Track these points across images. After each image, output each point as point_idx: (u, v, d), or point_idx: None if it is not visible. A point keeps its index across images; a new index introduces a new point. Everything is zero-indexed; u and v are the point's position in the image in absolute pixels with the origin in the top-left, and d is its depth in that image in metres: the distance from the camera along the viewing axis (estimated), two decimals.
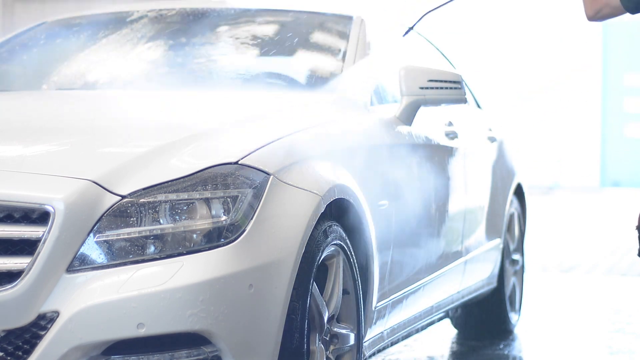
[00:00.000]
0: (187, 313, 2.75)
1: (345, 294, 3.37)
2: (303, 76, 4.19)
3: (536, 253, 8.75)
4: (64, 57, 4.54)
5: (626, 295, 6.97)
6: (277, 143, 3.14)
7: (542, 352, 5.25)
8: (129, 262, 2.78)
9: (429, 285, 4.33)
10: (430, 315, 4.51)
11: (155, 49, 4.42)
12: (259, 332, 2.87)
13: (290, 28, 4.56)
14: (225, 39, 4.49)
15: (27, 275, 2.71)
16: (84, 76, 4.33)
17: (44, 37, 4.68)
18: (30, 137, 3.06)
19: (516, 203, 5.78)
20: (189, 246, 2.82)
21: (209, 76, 4.33)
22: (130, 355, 2.76)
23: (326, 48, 4.35)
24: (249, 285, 2.84)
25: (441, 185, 4.39)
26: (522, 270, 5.89)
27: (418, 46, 5.11)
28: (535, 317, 6.09)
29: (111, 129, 3.14)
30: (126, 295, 2.73)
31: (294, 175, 3.09)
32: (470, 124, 5.23)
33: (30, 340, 2.74)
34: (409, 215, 4.00)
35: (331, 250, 3.24)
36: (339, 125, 3.61)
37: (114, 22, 4.76)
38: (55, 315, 2.72)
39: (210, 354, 2.81)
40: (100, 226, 2.78)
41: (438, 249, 4.43)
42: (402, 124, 4.08)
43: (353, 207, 3.39)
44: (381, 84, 4.23)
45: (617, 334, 5.52)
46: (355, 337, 3.40)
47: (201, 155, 2.96)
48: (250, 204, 2.91)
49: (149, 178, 2.85)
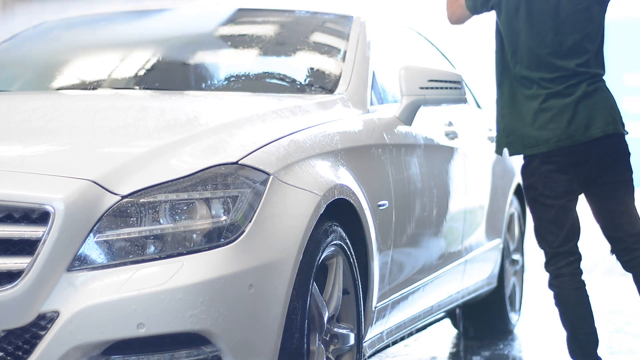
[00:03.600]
0: (187, 313, 2.74)
1: (345, 294, 3.37)
2: (303, 76, 4.19)
3: (536, 253, 8.75)
4: (64, 57, 4.54)
5: (626, 295, 6.97)
6: (277, 143, 3.14)
7: (542, 352, 5.25)
8: (129, 262, 2.78)
9: (429, 285, 4.33)
10: (430, 315, 4.51)
11: (156, 50, 4.42)
12: (259, 332, 2.87)
13: (290, 28, 4.56)
14: (224, 39, 4.49)
15: (27, 275, 2.71)
16: (84, 76, 4.33)
17: (44, 37, 4.68)
18: (30, 137, 3.06)
19: (516, 203, 5.79)
20: (189, 246, 2.82)
21: (208, 76, 4.33)
22: (130, 355, 2.76)
23: (326, 48, 4.35)
24: (249, 285, 2.84)
25: (441, 185, 4.39)
26: (522, 270, 5.89)
27: (418, 46, 5.11)
28: (535, 317, 6.09)
29: (111, 129, 3.14)
30: (126, 295, 2.73)
31: (294, 175, 3.09)
32: (470, 124, 5.23)
33: (30, 340, 2.73)
34: (409, 215, 4.00)
35: (331, 250, 3.24)
36: (339, 125, 3.61)
37: (114, 22, 4.76)
38: (55, 315, 2.72)
39: (210, 354, 2.81)
40: (100, 226, 2.78)
41: (438, 249, 4.43)
42: (402, 124, 4.08)
43: (353, 207, 3.39)
44: (381, 84, 4.23)
45: (617, 334, 5.52)
46: (355, 337, 3.40)
47: (201, 155, 2.96)
48: (250, 204, 2.91)
49: (149, 178, 2.85)
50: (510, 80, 4.00)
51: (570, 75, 3.91)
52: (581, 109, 3.88)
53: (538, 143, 3.88)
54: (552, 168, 3.88)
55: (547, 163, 3.89)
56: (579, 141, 3.86)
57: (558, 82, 3.90)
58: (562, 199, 3.89)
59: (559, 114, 3.87)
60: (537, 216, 3.97)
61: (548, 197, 3.90)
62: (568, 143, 3.86)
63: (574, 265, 3.97)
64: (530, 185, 3.96)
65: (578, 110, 3.88)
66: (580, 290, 3.97)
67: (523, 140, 3.93)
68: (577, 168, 3.90)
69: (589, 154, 3.89)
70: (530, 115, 3.91)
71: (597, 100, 3.92)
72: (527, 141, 3.91)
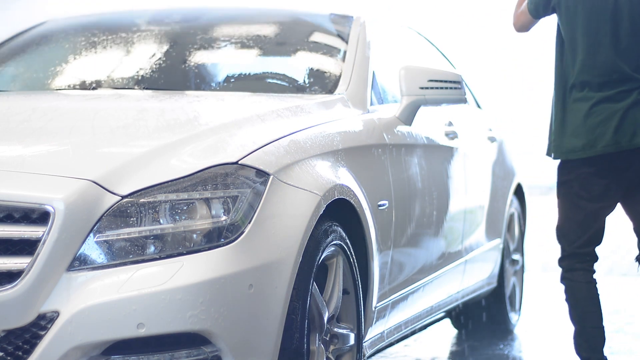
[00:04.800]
0: (187, 313, 2.74)
1: (345, 294, 3.37)
2: (303, 76, 4.19)
3: (536, 253, 8.76)
4: (64, 57, 4.54)
5: (626, 295, 6.97)
6: (277, 143, 3.14)
7: (542, 352, 5.25)
8: (129, 262, 2.78)
9: (429, 285, 4.33)
10: (430, 315, 4.51)
11: (156, 50, 4.42)
12: (259, 332, 2.87)
13: (290, 28, 4.56)
14: (225, 39, 4.49)
15: (27, 275, 2.71)
16: (84, 76, 4.33)
17: (44, 37, 4.68)
18: (30, 137, 3.05)
19: (516, 203, 5.79)
20: (189, 246, 2.82)
21: (208, 76, 4.33)
22: (130, 355, 2.76)
23: (326, 48, 4.35)
24: (249, 285, 2.84)
25: (441, 185, 4.39)
26: (522, 270, 5.89)
27: (418, 46, 5.11)
28: (535, 317, 6.09)
29: (111, 129, 3.14)
30: (126, 295, 2.73)
31: (294, 175, 3.09)
32: (470, 124, 5.23)
33: (30, 340, 2.73)
34: (409, 215, 4.00)
35: (331, 250, 3.24)
36: (339, 125, 3.61)
37: (114, 22, 4.76)
38: (55, 315, 2.72)
39: (210, 354, 2.81)
40: (100, 226, 2.78)
41: (438, 249, 4.43)
42: (402, 124, 4.08)
43: (353, 207, 3.39)
44: (381, 84, 4.23)
45: (617, 334, 5.52)
46: (355, 337, 3.40)
47: (201, 155, 2.96)
48: (250, 204, 2.91)
49: (149, 178, 2.85)
50: (566, 82, 3.98)
51: (624, 79, 3.90)
52: (630, 116, 3.89)
53: (584, 148, 3.88)
54: (592, 171, 3.90)
55: (587, 165, 3.90)
56: (624, 148, 3.88)
57: (610, 87, 3.90)
58: (596, 203, 3.91)
59: (607, 119, 3.87)
60: (565, 214, 3.98)
61: (582, 198, 3.91)
62: (614, 149, 3.87)
63: (589, 263, 4.01)
64: (566, 182, 3.97)
65: (626, 117, 3.88)
66: (591, 285, 3.99)
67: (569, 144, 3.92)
68: (617, 174, 3.91)
69: (631, 161, 3.91)
70: (579, 119, 3.91)
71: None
72: (573, 145, 3.91)
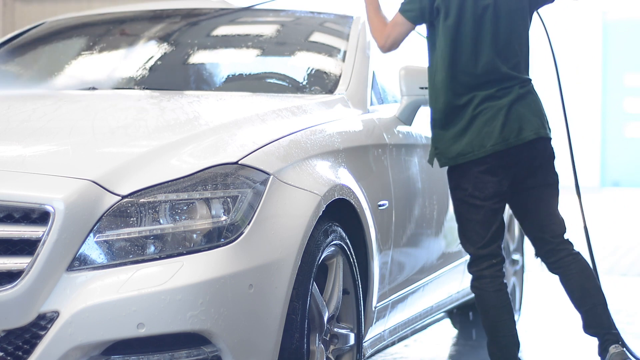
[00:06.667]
0: (187, 313, 2.74)
1: (345, 294, 3.37)
2: (303, 76, 4.19)
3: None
4: (64, 57, 4.54)
5: (626, 295, 6.97)
6: (277, 143, 3.14)
7: (542, 352, 5.24)
8: (129, 262, 2.78)
9: (429, 285, 4.33)
10: (430, 315, 4.51)
11: (155, 50, 4.42)
12: (259, 332, 2.87)
13: (290, 28, 4.56)
14: (224, 39, 4.49)
15: (27, 275, 2.71)
16: (84, 76, 4.33)
17: (44, 37, 4.68)
18: (30, 137, 3.05)
19: None
20: (189, 246, 2.82)
21: (208, 76, 4.33)
22: (130, 355, 2.76)
23: (326, 48, 4.36)
24: (249, 285, 2.84)
25: (441, 185, 4.39)
26: (522, 270, 5.89)
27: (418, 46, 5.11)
28: (535, 317, 6.09)
29: (111, 129, 3.13)
30: (126, 295, 2.73)
31: (294, 175, 3.09)
32: None
33: (30, 340, 2.73)
34: (409, 215, 4.00)
35: (331, 250, 3.24)
36: (339, 125, 3.61)
37: (114, 22, 4.76)
38: (55, 315, 2.72)
39: (210, 354, 2.81)
40: (100, 226, 2.78)
41: (438, 249, 4.43)
42: (402, 124, 4.08)
43: (353, 207, 3.39)
44: (381, 84, 4.23)
45: None
46: (355, 337, 3.40)
47: (201, 155, 2.96)
48: (250, 204, 2.91)
49: (149, 178, 2.85)
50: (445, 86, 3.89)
51: (502, 79, 3.87)
52: (514, 112, 3.86)
53: (473, 149, 3.84)
54: (483, 170, 3.85)
55: (478, 165, 3.85)
56: (513, 144, 3.85)
57: (490, 86, 3.86)
58: (491, 200, 3.87)
59: (492, 118, 3.84)
60: (464, 217, 3.93)
61: (477, 198, 3.87)
62: (503, 147, 3.84)
63: (496, 267, 3.94)
64: (458, 185, 3.92)
65: (510, 114, 3.86)
66: (500, 293, 3.93)
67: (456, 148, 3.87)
68: (507, 170, 3.88)
69: (519, 157, 3.88)
70: (464, 122, 3.86)
71: (528, 104, 3.90)
72: (461, 148, 3.85)
